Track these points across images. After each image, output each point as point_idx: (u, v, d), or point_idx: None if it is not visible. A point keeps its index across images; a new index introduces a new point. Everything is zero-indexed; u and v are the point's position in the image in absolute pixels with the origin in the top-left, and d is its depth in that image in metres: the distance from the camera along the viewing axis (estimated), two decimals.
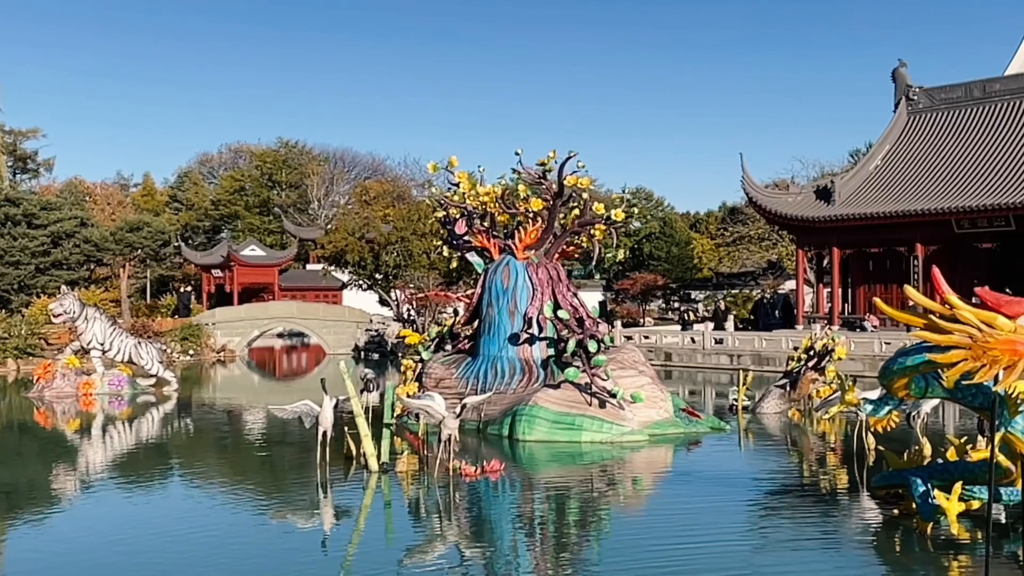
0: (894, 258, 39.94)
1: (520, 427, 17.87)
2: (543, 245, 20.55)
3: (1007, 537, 10.57)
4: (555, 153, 20.00)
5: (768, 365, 33.30)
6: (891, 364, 10.17)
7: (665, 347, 38.94)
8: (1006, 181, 37.29)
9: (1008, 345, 8.15)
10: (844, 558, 10.31)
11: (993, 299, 8.37)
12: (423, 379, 20.16)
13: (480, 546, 11.10)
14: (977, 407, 10.20)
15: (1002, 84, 43.52)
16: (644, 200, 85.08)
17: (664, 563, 10.06)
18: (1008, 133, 40.51)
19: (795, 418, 21.65)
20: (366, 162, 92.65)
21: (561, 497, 13.86)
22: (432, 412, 14.85)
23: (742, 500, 13.28)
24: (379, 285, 51.30)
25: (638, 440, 17.95)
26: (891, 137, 44.69)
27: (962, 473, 10.94)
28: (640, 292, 63.53)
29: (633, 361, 19.53)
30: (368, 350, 46.28)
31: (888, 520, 11.66)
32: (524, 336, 19.87)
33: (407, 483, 14.57)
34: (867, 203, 40.42)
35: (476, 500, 13.36)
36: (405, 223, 48.41)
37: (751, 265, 71.25)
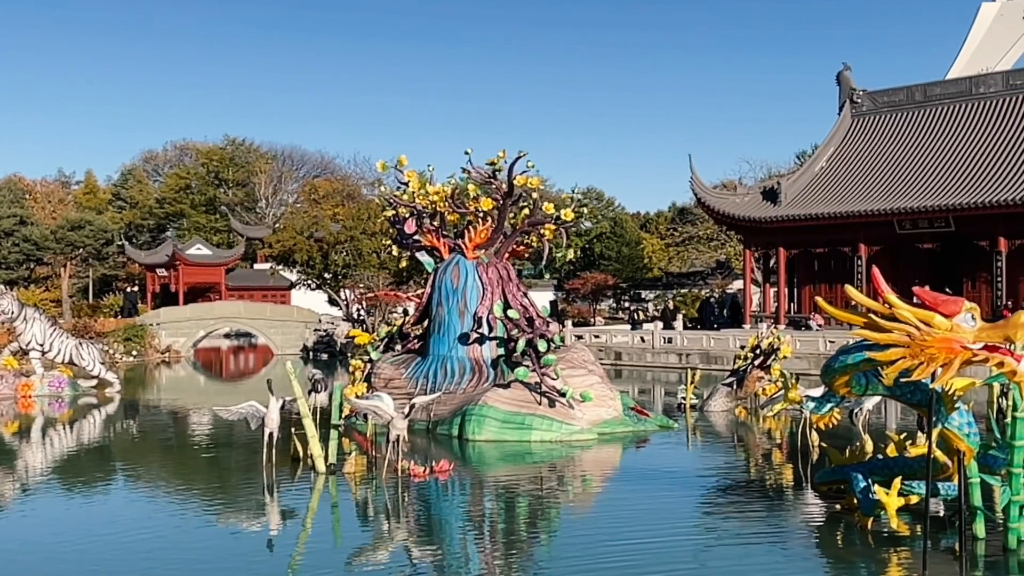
0: (839, 258, 40.69)
1: (470, 427, 17.85)
2: (493, 245, 20.55)
3: (944, 531, 10.81)
4: (505, 153, 20.04)
5: (716, 364, 33.70)
6: (832, 362, 10.35)
7: (615, 346, 39.20)
8: (946, 183, 38.22)
9: (945, 343, 8.34)
10: (788, 553, 10.48)
11: (930, 298, 8.56)
12: (372, 379, 20.04)
13: (429, 547, 11.06)
14: (915, 404, 10.42)
15: (942, 88, 44.62)
16: (595, 200, 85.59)
17: (613, 560, 10.14)
18: (948, 136, 41.54)
19: (742, 416, 21.94)
20: (315, 160, 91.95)
21: (511, 496, 13.86)
22: (380, 412, 14.76)
23: (690, 497, 13.42)
24: (328, 285, 50.84)
25: (587, 439, 18.05)
26: (836, 139, 45.54)
27: (901, 469, 11.19)
28: (591, 292, 63.90)
29: (582, 360, 19.62)
30: (317, 350, 45.84)
31: (831, 515, 11.87)
32: (474, 336, 19.85)
33: (355, 484, 14.45)
34: (812, 204, 41.13)
35: (425, 501, 13.31)
36: (354, 222, 48.04)
37: (700, 265, 72.13)
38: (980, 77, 44.61)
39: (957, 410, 9.91)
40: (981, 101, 42.15)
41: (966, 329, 8.34)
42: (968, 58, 60.33)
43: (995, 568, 9.60)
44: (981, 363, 8.61)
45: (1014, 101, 41.10)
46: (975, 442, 10.08)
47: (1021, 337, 8.17)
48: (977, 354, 8.33)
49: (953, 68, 57.85)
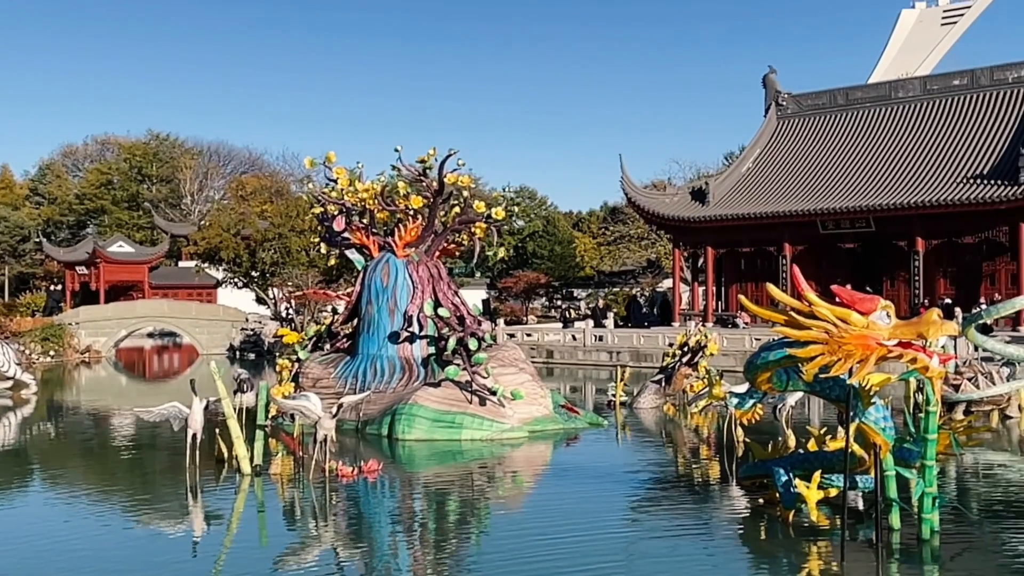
0: (764, 257, 41.55)
1: (400, 426, 17.74)
2: (424, 243, 20.48)
3: (862, 522, 11.12)
4: (435, 151, 20.00)
5: (646, 361, 34.13)
6: (755, 359, 10.57)
7: (547, 344, 39.40)
8: (867, 184, 39.32)
9: (861, 340, 8.57)
10: (714, 545, 10.68)
11: (848, 296, 8.80)
12: (300, 379, 19.80)
13: (357, 547, 10.96)
14: (834, 399, 10.70)
15: (863, 92, 45.92)
16: (527, 199, 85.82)
17: (544, 555, 10.22)
18: (869, 139, 42.76)
19: (670, 412, 22.24)
20: (242, 156, 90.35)
21: (440, 495, 13.83)
22: (307, 412, 14.59)
23: (619, 492, 13.56)
24: (255, 283, 50.01)
25: (518, 437, 18.11)
26: (762, 141, 46.50)
27: (821, 462, 11.49)
28: (523, 290, 64.11)
29: (513, 359, 19.67)
30: (244, 350, 45.11)
31: (754, 509, 12.12)
32: (404, 334, 19.74)
33: (282, 485, 14.25)
34: (739, 204, 41.91)
35: (353, 501, 13.19)
36: (283, 219, 47.32)
37: (631, 264, 72.86)
38: (899, 82, 46.05)
39: (874, 405, 10.21)
40: (900, 105, 43.51)
41: (881, 326, 8.60)
42: (889, 63, 62.33)
43: (910, 558, 9.92)
44: (896, 359, 8.88)
45: (931, 105, 42.52)
46: (891, 436, 10.40)
47: (933, 334, 8.45)
48: (892, 350, 8.58)
49: (875, 72, 59.69)
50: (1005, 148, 37.40)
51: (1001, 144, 37.97)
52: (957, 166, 37.98)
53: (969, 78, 42.25)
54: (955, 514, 11.61)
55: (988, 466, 15.38)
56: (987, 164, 37.10)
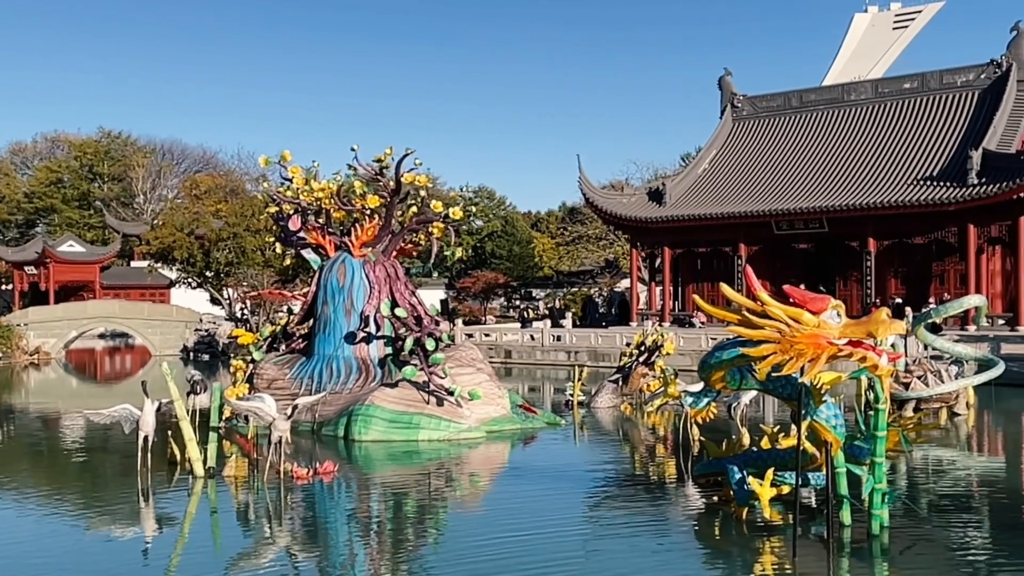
0: (720, 257, 41.96)
1: (356, 427, 17.63)
2: (380, 242, 20.36)
3: (814, 519, 11.27)
4: (392, 150, 19.92)
5: (604, 361, 34.30)
6: (709, 358, 10.68)
7: (505, 344, 39.41)
8: (820, 185, 39.91)
9: (812, 339, 8.69)
10: (669, 542, 10.77)
11: (799, 296, 8.91)
12: (254, 380, 19.58)
13: (313, 549, 10.86)
14: (786, 397, 10.84)
15: (817, 95, 46.60)
16: (486, 199, 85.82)
17: (501, 554, 10.24)
18: (823, 140, 43.40)
19: (627, 411, 22.38)
20: (196, 155, 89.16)
21: (398, 496, 13.76)
22: (262, 414, 14.43)
23: (577, 491, 13.60)
24: (210, 283, 49.36)
25: (475, 437, 18.09)
26: (717, 142, 46.97)
27: (773, 460, 11.62)
28: (482, 290, 64.07)
29: (471, 359, 19.65)
30: (198, 351, 44.53)
31: (709, 506, 12.24)
32: (361, 335, 19.62)
33: (236, 488, 14.08)
34: (695, 205, 42.29)
35: (309, 503, 13.07)
36: (238, 219, 46.78)
37: (590, 264, 73.16)
38: (852, 84, 46.82)
39: (825, 403, 10.36)
40: (853, 108, 44.22)
41: (832, 325, 8.72)
42: (842, 66, 63.45)
43: (860, 552, 10.08)
44: (846, 358, 9.01)
45: (883, 108, 43.28)
46: (841, 433, 10.56)
47: (883, 333, 8.59)
48: (842, 349, 8.71)
49: (828, 75, 60.70)
50: (954, 151, 38.20)
51: (950, 147, 38.77)
52: (908, 168, 38.71)
53: (919, 81, 43.09)
54: (905, 509, 11.82)
55: (937, 462, 15.69)
56: (937, 166, 37.85)
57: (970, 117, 40.08)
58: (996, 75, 40.62)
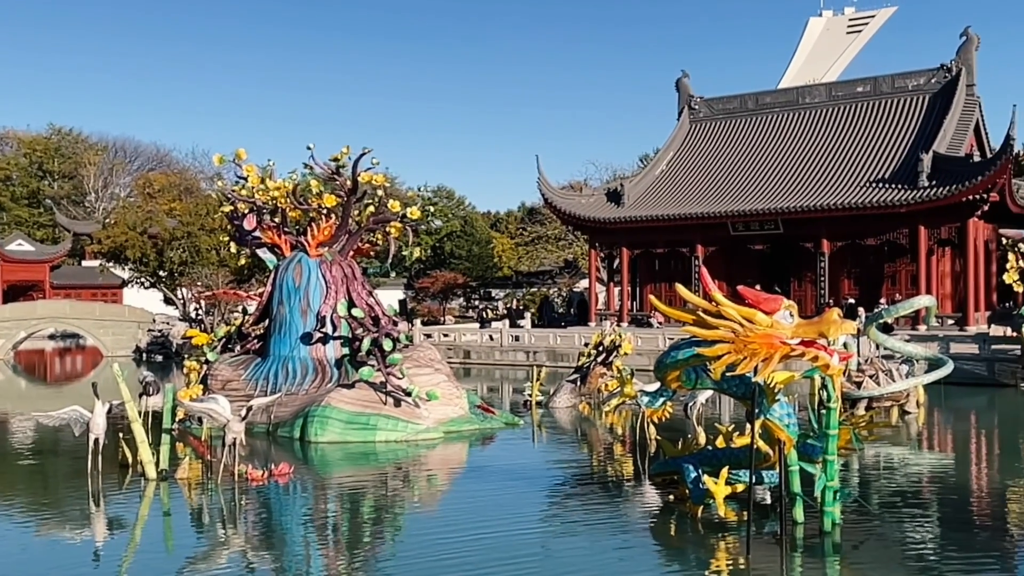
0: (678, 258, 42.32)
1: (312, 428, 17.48)
2: (337, 242, 20.21)
3: (768, 516, 11.40)
4: (349, 149, 19.78)
5: (562, 361, 34.39)
6: (664, 358, 10.76)
7: (464, 345, 39.35)
8: (776, 187, 40.42)
9: (766, 339, 8.79)
10: (625, 541, 10.83)
11: (753, 297, 9.01)
12: (208, 381, 19.33)
13: (267, 552, 10.74)
14: (740, 396, 10.95)
15: (772, 97, 47.20)
16: (445, 199, 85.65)
17: (459, 554, 10.23)
18: (778, 143, 43.95)
19: (585, 411, 22.46)
20: (150, 152, 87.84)
21: (355, 497, 13.67)
22: (215, 415, 14.25)
23: (535, 491, 13.62)
24: (163, 283, 48.64)
25: (433, 437, 18.04)
26: (675, 144, 47.36)
27: (728, 459, 11.74)
28: (441, 290, 63.91)
29: (429, 359, 19.59)
30: (151, 351, 43.89)
31: (665, 505, 12.33)
32: (317, 335, 19.45)
33: (189, 490, 13.89)
34: (653, 206, 42.60)
35: (263, 505, 12.93)
36: (192, 218, 46.17)
37: (549, 264, 73.31)
38: (806, 88, 47.50)
39: (778, 402, 10.48)
40: (807, 111, 44.85)
41: (785, 325, 8.83)
42: (798, 69, 64.37)
43: (812, 549, 10.22)
44: (799, 357, 9.12)
45: (836, 111, 43.96)
46: (794, 432, 10.69)
47: (834, 332, 8.71)
48: (795, 349, 8.82)
49: (784, 78, 61.50)
50: (905, 154, 38.92)
51: (902, 150, 39.49)
52: (861, 170, 39.35)
53: (872, 85, 43.83)
54: (856, 507, 12.01)
55: (888, 460, 15.97)
56: (889, 169, 38.53)
57: (921, 121, 40.86)
58: (946, 80, 41.47)
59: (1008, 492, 13.63)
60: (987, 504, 12.99)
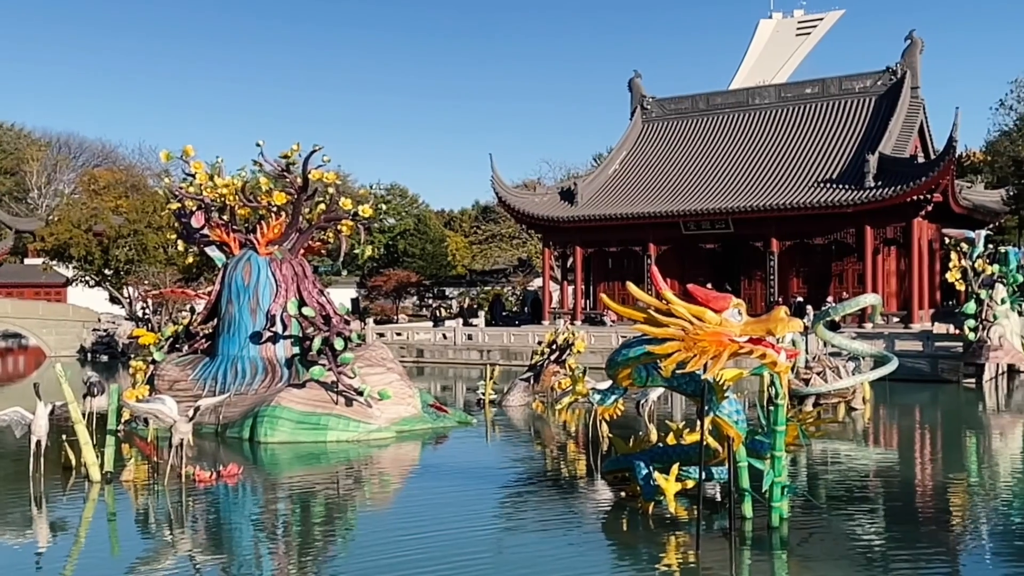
0: (631, 256, 42.61)
1: (262, 428, 17.28)
2: (287, 240, 20.00)
3: (718, 512, 11.52)
4: (299, 146, 19.59)
5: (516, 360, 34.43)
6: (616, 356, 10.82)
7: (417, 344, 39.21)
8: (727, 187, 40.90)
9: (715, 337, 8.88)
10: (578, 538, 10.86)
11: (702, 295, 9.10)
12: (155, 381, 19.00)
13: (216, 554, 10.57)
14: (690, 394, 11.05)
15: (723, 98, 47.75)
16: (398, 197, 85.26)
17: (412, 552, 10.17)
18: (729, 143, 44.47)
19: (538, 409, 22.51)
20: (95, 149, 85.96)
21: (305, 498, 13.53)
22: (162, 416, 14.01)
23: (488, 489, 13.61)
24: (109, 281, 47.66)
25: (385, 437, 17.94)
26: (628, 143, 47.67)
27: (679, 455, 11.84)
28: (394, 289, 63.60)
29: (381, 358, 19.48)
30: (96, 351, 43.06)
31: (617, 502, 12.40)
32: (267, 334, 19.22)
33: (135, 493, 13.65)
34: (606, 205, 42.84)
35: (212, 506, 12.74)
36: (139, 215, 45.28)
37: (503, 263, 73.40)
38: (756, 89, 48.14)
39: (727, 399, 10.59)
40: (757, 111, 45.46)
41: (733, 323, 8.93)
42: (748, 70, 65.12)
43: (761, 544, 10.34)
44: (748, 355, 9.23)
45: (785, 112, 44.61)
46: (743, 429, 10.82)
47: (781, 330, 8.83)
48: (743, 346, 8.93)
49: (735, 79, 62.21)
50: (852, 155, 39.64)
51: (849, 151, 40.21)
52: (809, 171, 39.99)
53: (820, 87, 44.56)
54: (804, 501, 12.19)
55: (835, 455, 16.24)
56: (836, 169, 39.21)
57: (867, 122, 41.66)
58: (892, 82, 42.32)
59: (950, 486, 13.96)
60: (930, 497, 13.28)
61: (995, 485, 14.02)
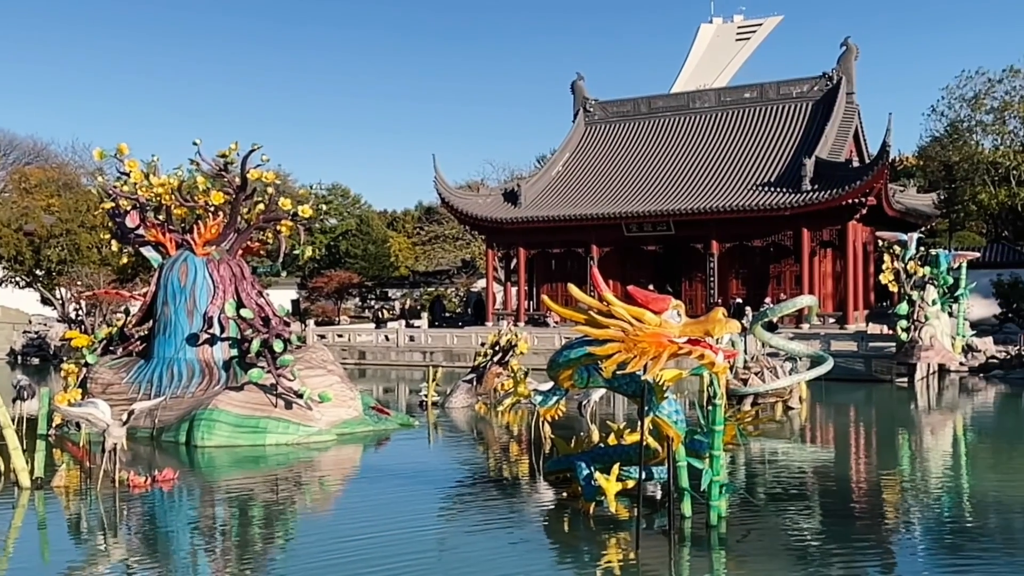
0: (574, 258, 42.88)
1: (199, 432, 16.97)
2: (225, 240, 19.68)
3: (658, 512, 11.63)
4: (237, 145, 19.30)
5: (459, 361, 34.36)
6: (557, 357, 10.86)
7: (359, 345, 38.90)
8: (668, 189, 41.40)
9: (654, 338, 8.96)
10: (520, 539, 10.87)
11: (642, 296, 9.17)
12: (88, 385, 18.55)
13: (151, 561, 10.33)
14: (630, 394, 11.13)
15: (665, 102, 48.31)
16: (340, 197, 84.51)
17: (353, 555, 10.09)
18: (670, 146, 45.02)
19: (481, 411, 22.49)
20: (26, 146, 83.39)
21: (244, 502, 13.31)
22: (95, 420, 13.66)
23: (430, 491, 13.54)
24: (40, 282, 46.36)
25: (326, 440, 17.76)
26: (571, 145, 47.95)
27: (619, 455, 11.93)
28: (335, 290, 62.99)
29: (321, 360, 19.28)
30: (27, 354, 41.95)
31: (559, 503, 12.44)
32: (204, 336, 18.89)
33: (67, 499, 13.28)
34: (549, 206, 43.03)
35: (147, 512, 12.46)
36: (72, 214, 44.15)
37: (446, 264, 73.22)
38: (697, 93, 48.81)
39: (666, 399, 10.70)
40: (698, 115, 46.10)
41: (673, 324, 9.02)
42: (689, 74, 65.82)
43: (700, 542, 10.47)
44: (686, 356, 9.33)
45: (725, 116, 45.31)
46: (682, 428, 10.95)
47: (719, 331, 8.95)
48: (682, 347, 9.02)
49: (676, 82, 62.89)
50: (790, 158, 40.42)
51: (786, 154, 41.00)
52: (748, 174, 40.67)
53: (759, 91, 45.37)
54: (742, 500, 12.38)
55: (772, 454, 16.51)
56: (774, 173, 39.95)
57: (804, 127, 42.53)
58: (828, 87, 43.26)
59: (884, 483, 14.30)
60: (865, 494, 13.57)
61: (927, 481, 14.40)
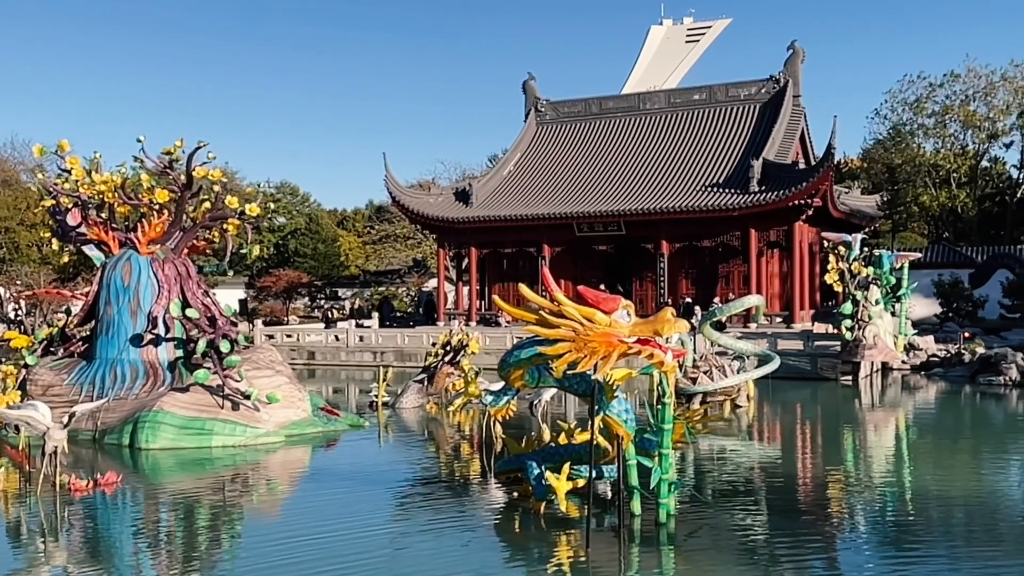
0: (525, 258, 42.91)
1: (143, 435, 16.64)
2: (170, 239, 19.32)
3: (608, 510, 11.68)
4: (183, 142, 18.96)
5: (410, 361, 34.17)
6: (508, 357, 10.85)
7: (308, 345, 38.48)
8: (619, 190, 41.63)
9: (604, 338, 9.00)
10: (471, 538, 10.87)
11: (592, 297, 9.20)
12: (28, 387, 18.08)
13: (93, 566, 10.10)
14: (581, 394, 11.16)
15: (615, 103, 48.60)
16: (289, 195, 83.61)
17: (302, 557, 10.00)
18: (621, 146, 45.29)
19: (432, 411, 22.39)
20: None
21: (189, 505, 13.07)
22: (34, 423, 13.32)
23: (381, 492, 13.45)
24: None
25: (274, 441, 17.54)
26: (522, 145, 48.00)
27: (570, 455, 11.96)
28: (284, 290, 62.30)
29: (269, 361, 19.03)
30: None
31: (510, 502, 12.43)
32: (148, 337, 18.53)
33: (5, 503, 12.94)
34: (501, 206, 43.01)
35: (89, 517, 12.19)
36: (11, 212, 43.11)
37: (397, 263, 72.85)
38: (647, 94, 49.16)
39: (616, 399, 10.75)
40: (648, 116, 46.46)
41: (622, 324, 9.05)
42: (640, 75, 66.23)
43: (649, 540, 10.55)
44: (636, 355, 9.38)
45: (675, 117, 45.73)
46: (632, 427, 11.01)
47: (668, 331, 9.01)
48: (632, 347, 9.06)
49: (627, 83, 63.28)
50: (738, 160, 40.93)
51: (734, 156, 41.51)
52: (697, 175, 41.09)
53: (707, 93, 45.86)
54: (691, 497, 12.49)
55: (721, 452, 16.70)
56: (723, 174, 40.41)
57: (752, 128, 43.09)
58: (775, 90, 43.89)
59: (829, 479, 14.55)
60: (811, 491, 13.79)
61: (870, 477, 14.68)
